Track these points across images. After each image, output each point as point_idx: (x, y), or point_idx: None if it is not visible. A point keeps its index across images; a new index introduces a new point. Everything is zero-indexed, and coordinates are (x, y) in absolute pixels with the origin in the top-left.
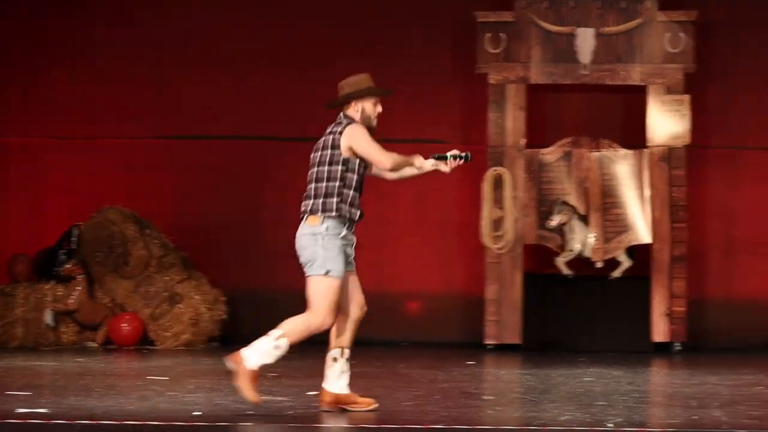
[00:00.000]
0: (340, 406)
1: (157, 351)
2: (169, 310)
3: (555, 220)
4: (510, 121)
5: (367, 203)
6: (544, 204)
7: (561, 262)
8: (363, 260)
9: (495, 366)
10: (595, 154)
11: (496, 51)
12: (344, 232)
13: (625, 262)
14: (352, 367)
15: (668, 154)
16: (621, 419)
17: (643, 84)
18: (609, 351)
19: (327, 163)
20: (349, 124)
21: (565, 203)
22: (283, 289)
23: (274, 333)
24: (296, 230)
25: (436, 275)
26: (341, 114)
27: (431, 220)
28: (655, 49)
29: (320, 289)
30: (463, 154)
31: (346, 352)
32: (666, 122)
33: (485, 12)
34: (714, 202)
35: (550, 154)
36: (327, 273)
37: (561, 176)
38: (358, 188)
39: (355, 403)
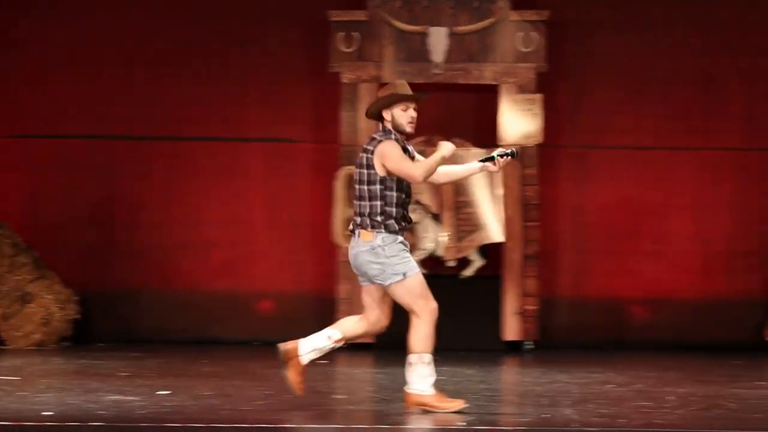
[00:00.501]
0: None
1: (8, 351)
2: (20, 310)
3: None
4: (363, 120)
5: (219, 203)
6: None
7: None
8: (215, 259)
9: (347, 365)
10: None
11: (350, 50)
12: (400, 237)
13: (477, 261)
14: (204, 365)
15: (520, 153)
16: (473, 418)
17: (495, 83)
18: (461, 350)
19: (367, 183)
20: (380, 141)
21: (418, 202)
22: (136, 289)
23: (411, 357)
24: (152, 229)
25: (288, 274)
26: (379, 125)
27: (283, 219)
28: (508, 48)
29: (406, 293)
30: (509, 151)
31: (338, 336)
32: (518, 121)
33: (338, 11)
34: (565, 201)
35: None
36: (404, 276)
37: None
38: (402, 202)
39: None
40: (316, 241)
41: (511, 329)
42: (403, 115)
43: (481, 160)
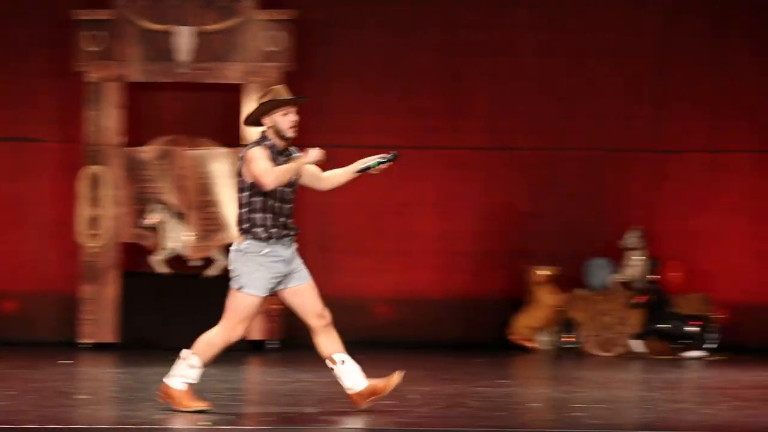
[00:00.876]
0: (374, 398)
1: None
2: None
3: (151, 219)
4: (107, 119)
5: None
6: (141, 202)
7: (157, 260)
8: None
9: (91, 365)
10: (193, 153)
11: (95, 49)
12: (266, 249)
13: (221, 261)
14: None
15: None
16: (216, 417)
17: (241, 82)
18: None
19: (239, 190)
20: (249, 148)
21: (162, 202)
22: None
23: (183, 352)
24: None
25: (31, 274)
26: (261, 132)
27: (27, 219)
28: (254, 47)
29: (232, 304)
30: (389, 157)
31: (336, 357)
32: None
33: (83, 10)
34: (309, 199)
35: (148, 152)
36: (240, 288)
37: (158, 175)
38: (273, 209)
39: (382, 388)
40: (60, 241)
41: (255, 328)
42: (284, 120)
43: (361, 170)
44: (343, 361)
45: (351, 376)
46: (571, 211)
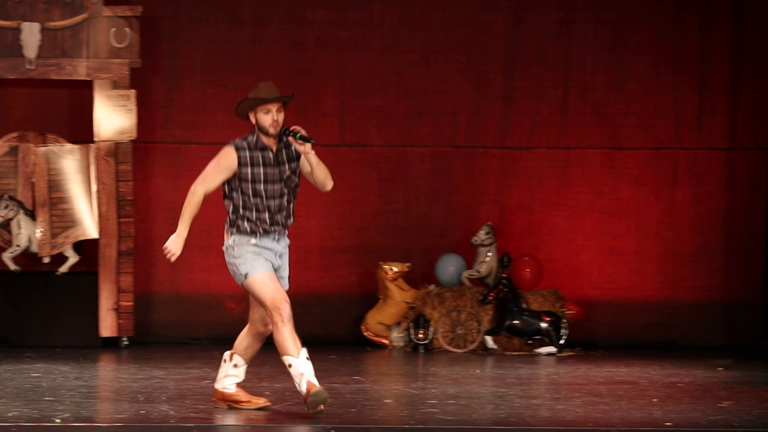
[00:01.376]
0: (231, 403)
1: None
2: None
3: (0, 216)
4: None
5: None
6: None
7: (7, 257)
8: None
9: None
10: (42, 149)
11: None
12: (254, 240)
13: (72, 258)
14: None
15: (114, 149)
16: (68, 414)
17: (89, 79)
18: (58, 347)
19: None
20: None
21: (12, 198)
22: None
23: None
24: None
25: None
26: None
27: None
28: (101, 44)
29: (253, 290)
30: (305, 137)
31: (235, 357)
32: (112, 117)
33: None
34: (160, 196)
35: None
36: (246, 276)
37: (7, 171)
38: (254, 204)
39: (241, 401)
40: None
41: (107, 325)
42: (265, 118)
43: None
44: (235, 365)
45: (229, 378)
46: (421, 207)
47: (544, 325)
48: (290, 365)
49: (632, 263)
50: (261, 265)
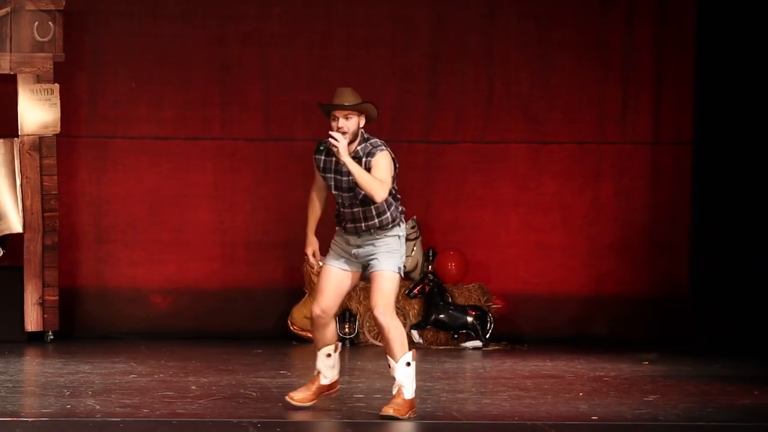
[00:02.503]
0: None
1: None
2: None
3: None
4: None
5: None
6: None
7: None
8: None
9: None
10: None
11: None
12: (337, 237)
13: (0, 251)
14: None
15: (39, 143)
16: None
17: (13, 73)
18: None
19: None
20: None
21: None
22: None
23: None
24: None
25: None
26: None
27: None
28: (25, 37)
29: None
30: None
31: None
32: (36, 111)
33: None
34: (85, 191)
35: None
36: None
37: None
38: (340, 201)
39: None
40: None
41: (32, 320)
42: (332, 125)
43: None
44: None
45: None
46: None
47: (470, 319)
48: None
49: (558, 258)
50: (327, 259)
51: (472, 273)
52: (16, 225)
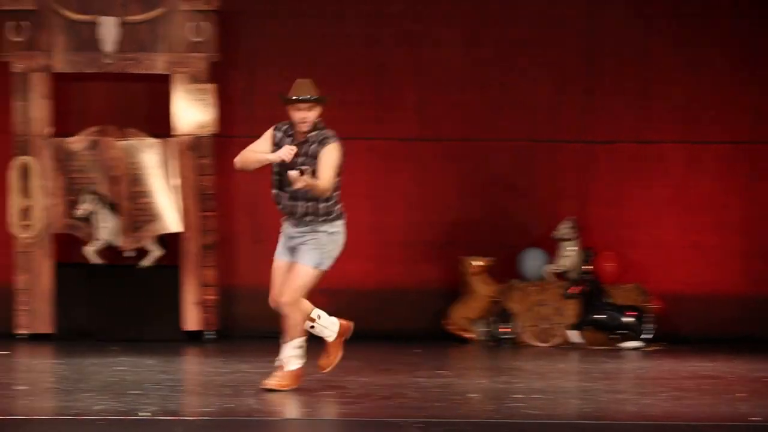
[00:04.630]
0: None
1: None
2: None
3: (82, 209)
4: (35, 110)
5: None
6: (72, 193)
7: (90, 251)
8: None
9: (27, 356)
10: (122, 143)
11: (19, 39)
12: (282, 227)
13: (155, 251)
14: None
15: (195, 143)
16: (156, 408)
17: (167, 73)
18: (142, 340)
19: None
20: None
21: (93, 192)
22: None
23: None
24: None
25: None
26: None
27: None
28: (179, 38)
29: None
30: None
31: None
32: (191, 111)
33: (6, 0)
34: (240, 190)
35: (77, 143)
36: None
37: (88, 165)
38: (281, 189)
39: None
40: None
41: (191, 319)
42: (294, 115)
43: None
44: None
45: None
46: (503, 201)
47: (628, 319)
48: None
49: (714, 258)
50: (277, 251)
51: (628, 273)
52: (172, 224)
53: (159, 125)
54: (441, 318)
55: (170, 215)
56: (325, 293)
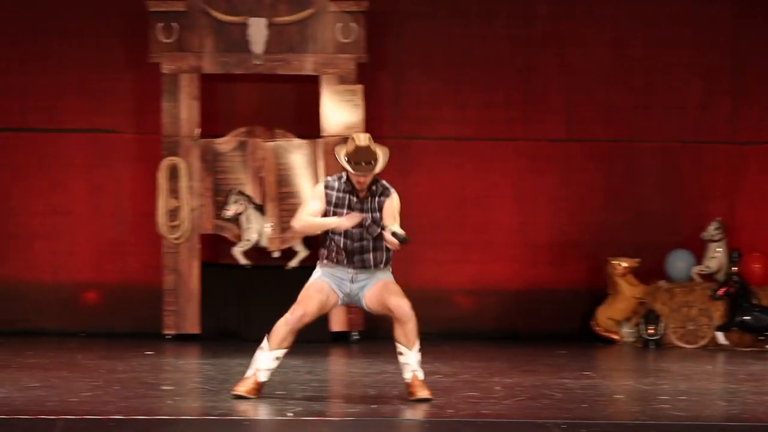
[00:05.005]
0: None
1: None
2: None
3: (231, 210)
4: (184, 111)
5: (41, 193)
6: (219, 194)
7: (238, 251)
8: (38, 250)
9: (174, 356)
10: (270, 144)
11: (169, 40)
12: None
13: (302, 252)
14: (29, 357)
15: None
16: (300, 409)
17: (316, 74)
18: None
19: None
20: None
21: (241, 193)
22: None
23: None
24: None
25: (112, 265)
26: None
27: (107, 210)
28: (327, 38)
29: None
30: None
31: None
32: (339, 112)
33: (157, 1)
34: None
35: (225, 143)
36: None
37: (236, 166)
38: (345, 235)
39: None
40: (140, 232)
41: (338, 320)
42: (353, 178)
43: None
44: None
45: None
46: (650, 202)
47: None
48: (261, 348)
49: None
50: (321, 277)
51: None
52: None
53: (307, 126)
54: (586, 319)
55: None
56: (471, 294)
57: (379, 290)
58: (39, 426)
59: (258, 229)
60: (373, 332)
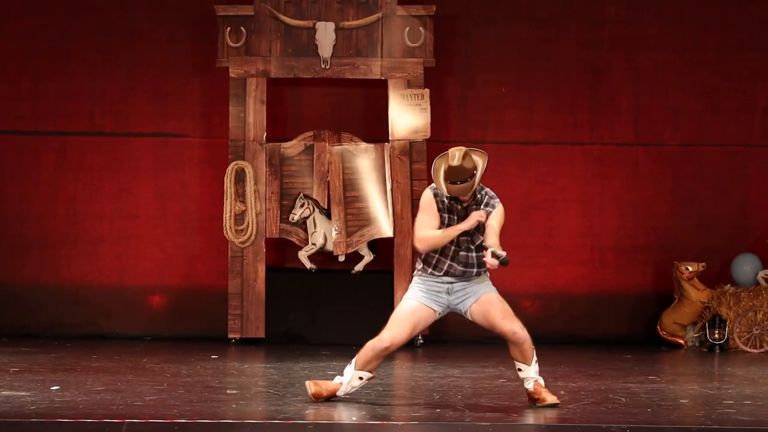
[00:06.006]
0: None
1: None
2: None
3: (297, 214)
4: (251, 115)
5: (108, 197)
6: (286, 198)
7: (304, 255)
8: (105, 254)
9: (239, 360)
10: (337, 148)
11: (237, 45)
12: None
13: (368, 256)
14: (95, 360)
15: (409, 148)
16: (364, 413)
17: (383, 78)
18: (352, 345)
19: None
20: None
21: (307, 197)
22: (25, 284)
23: None
24: (41, 224)
25: (178, 269)
26: None
27: (173, 214)
28: (395, 43)
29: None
30: (501, 258)
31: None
32: (406, 116)
33: (225, 6)
34: None
35: (292, 147)
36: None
37: (303, 170)
38: (452, 244)
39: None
40: (206, 236)
41: None
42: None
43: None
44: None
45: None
46: (716, 206)
47: None
48: (350, 363)
49: None
50: (414, 296)
51: None
52: (386, 229)
53: (374, 130)
54: (652, 323)
55: (384, 220)
56: (537, 298)
57: (488, 308)
58: (104, 429)
59: (324, 234)
60: (438, 336)
